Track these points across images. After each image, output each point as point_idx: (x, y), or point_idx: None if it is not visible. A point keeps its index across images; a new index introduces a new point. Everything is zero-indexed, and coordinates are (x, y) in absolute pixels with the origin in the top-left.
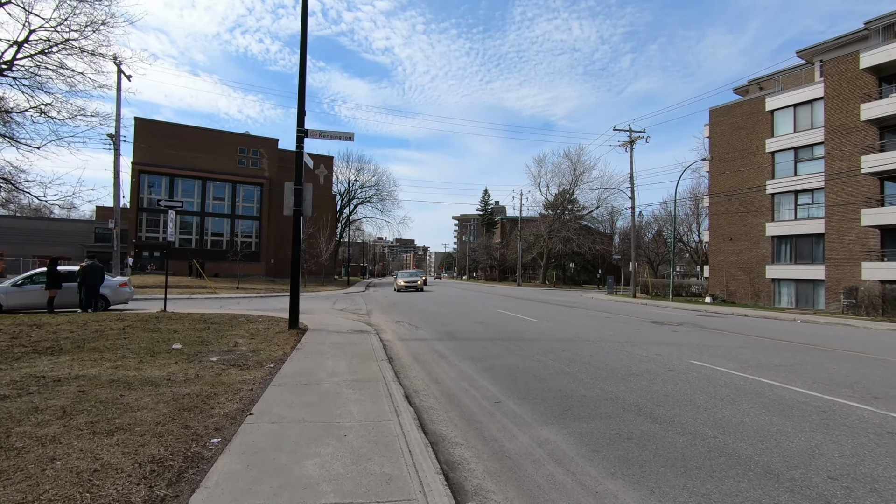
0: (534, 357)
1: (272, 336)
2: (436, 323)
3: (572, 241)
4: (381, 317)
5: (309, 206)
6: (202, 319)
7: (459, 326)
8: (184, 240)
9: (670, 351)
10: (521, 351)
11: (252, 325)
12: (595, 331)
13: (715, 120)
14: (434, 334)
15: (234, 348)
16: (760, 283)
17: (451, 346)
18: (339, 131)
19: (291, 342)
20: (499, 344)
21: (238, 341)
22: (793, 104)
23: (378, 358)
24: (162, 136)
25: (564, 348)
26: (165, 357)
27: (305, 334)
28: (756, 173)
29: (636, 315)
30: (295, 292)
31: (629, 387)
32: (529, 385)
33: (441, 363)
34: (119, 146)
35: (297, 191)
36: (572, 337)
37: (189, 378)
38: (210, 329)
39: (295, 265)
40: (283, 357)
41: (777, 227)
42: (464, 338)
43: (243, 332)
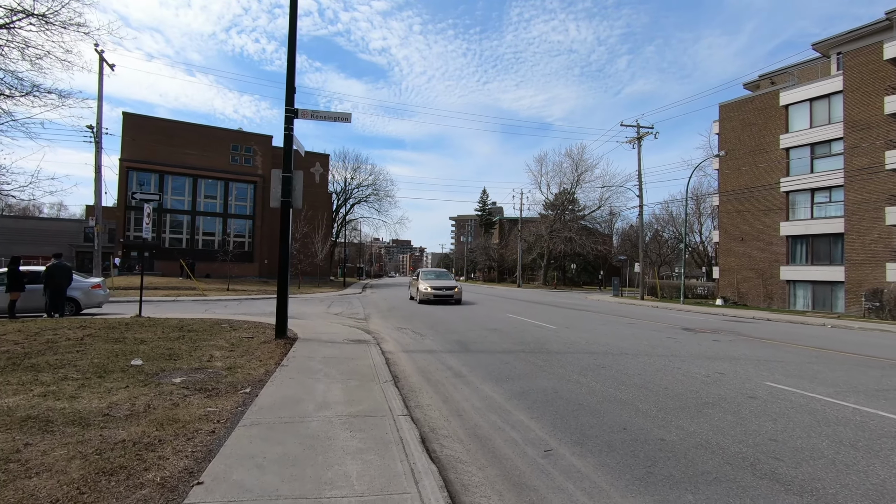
0: (570, 377)
1: (255, 347)
2: (442, 330)
3: (574, 242)
4: (381, 323)
5: (299, 198)
6: (179, 326)
7: (470, 335)
8: (174, 239)
9: (732, 368)
10: (552, 368)
11: (234, 332)
12: (626, 340)
13: (725, 116)
14: (443, 344)
15: (207, 364)
16: (774, 285)
17: (466, 360)
18: (335, 111)
19: (277, 356)
20: (522, 358)
21: (214, 354)
22: (809, 98)
23: (381, 378)
24: (151, 132)
25: (602, 364)
26: (117, 378)
27: (294, 345)
28: (769, 171)
29: (659, 320)
30: (283, 296)
31: (714, 424)
32: (581, 421)
33: (459, 385)
34: (101, 138)
35: (286, 179)
36: (605, 349)
37: (135, 412)
38: (185, 338)
39: (283, 265)
40: (264, 377)
41: (792, 226)
42: (478, 349)
43: (222, 341)
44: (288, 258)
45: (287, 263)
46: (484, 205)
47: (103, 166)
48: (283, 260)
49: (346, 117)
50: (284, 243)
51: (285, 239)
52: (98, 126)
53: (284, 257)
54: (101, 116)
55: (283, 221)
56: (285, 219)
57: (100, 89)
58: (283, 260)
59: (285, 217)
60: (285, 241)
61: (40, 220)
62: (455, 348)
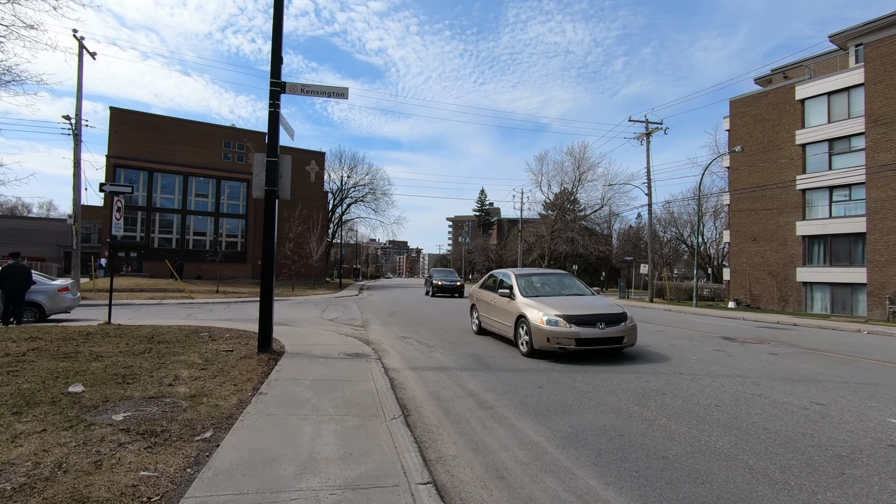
0: (629, 408)
1: (232, 365)
2: (453, 340)
3: (577, 242)
4: (381, 331)
5: (287, 186)
6: (149, 336)
7: (485, 346)
8: (164, 239)
9: (827, 396)
10: (599, 393)
11: (212, 344)
12: (669, 352)
13: (736, 111)
14: (456, 359)
15: (168, 390)
16: (789, 287)
17: (489, 381)
18: (330, 86)
19: (256, 377)
20: (555, 378)
21: (180, 374)
22: (826, 92)
23: (386, 412)
24: (140, 128)
25: (660, 388)
26: (40, 413)
27: (280, 362)
28: (783, 168)
29: (688, 326)
30: (267, 302)
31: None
32: (681, 491)
33: (488, 422)
34: (80, 129)
35: (271, 164)
36: (652, 365)
37: (29, 482)
38: (151, 352)
39: (267, 265)
40: (235, 411)
41: (809, 225)
42: (499, 366)
43: (195, 356)
44: (273, 257)
45: (272, 263)
46: (482, 205)
47: (83, 161)
48: (268, 259)
49: (342, 92)
50: (269, 239)
51: (270, 235)
52: (77, 117)
53: (269, 256)
54: (81, 107)
55: (268, 214)
56: (270, 211)
57: (79, 78)
58: (268, 259)
59: (270, 209)
60: (270, 236)
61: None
62: (472, 364)
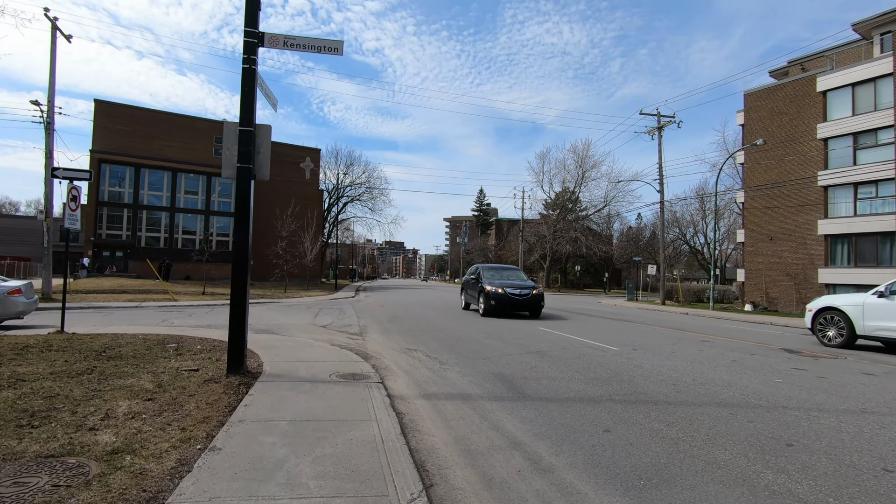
0: (759, 472)
1: (190, 394)
2: (467, 353)
3: (580, 243)
4: (381, 340)
5: (266, 164)
6: (101, 350)
7: (510, 362)
8: (151, 238)
9: None
10: (699, 443)
11: (176, 360)
12: (738, 373)
13: (751, 105)
14: (477, 380)
15: (84, 439)
16: (808, 290)
17: (531, 417)
18: (320, 38)
19: (216, 415)
20: (622, 415)
21: (116, 408)
22: (851, 83)
23: (399, 488)
24: (126, 122)
25: (776, 433)
26: None
27: (252, 389)
28: (802, 163)
29: (728, 335)
30: (239, 310)
31: None
32: None
33: (555, 500)
34: (53, 117)
35: (245, 135)
36: (734, 393)
37: None
38: (92, 373)
39: (239, 262)
40: (165, 486)
41: (831, 224)
42: (538, 393)
43: (147, 379)
44: (248, 252)
45: (246, 260)
46: (481, 205)
47: (53, 152)
48: (240, 255)
49: (336, 46)
50: (242, 230)
51: (243, 224)
52: (49, 104)
53: (242, 251)
54: (53, 93)
55: (240, 198)
56: (243, 194)
57: (52, 60)
58: (240, 255)
59: (243, 192)
60: (243, 226)
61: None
62: (500, 389)
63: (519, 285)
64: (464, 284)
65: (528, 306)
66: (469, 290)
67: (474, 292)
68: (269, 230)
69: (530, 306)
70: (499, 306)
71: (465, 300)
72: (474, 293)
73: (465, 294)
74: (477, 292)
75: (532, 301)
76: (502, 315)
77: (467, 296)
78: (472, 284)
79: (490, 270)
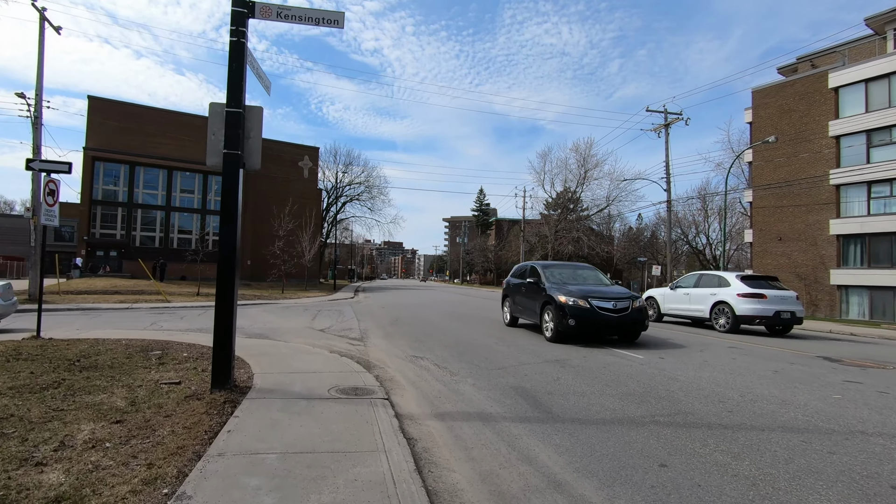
0: None
1: (166, 414)
2: (479, 362)
3: (582, 243)
4: (384, 346)
5: (256, 152)
6: (76, 359)
7: (528, 372)
8: (146, 237)
9: None
10: (777, 482)
11: (157, 371)
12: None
13: (759, 102)
14: (496, 395)
15: (23, 479)
16: (819, 291)
17: (568, 445)
18: (320, 9)
19: (192, 445)
20: (673, 444)
21: (76, 434)
22: (864, 79)
23: None
24: (120, 119)
25: (865, 470)
26: None
27: (238, 410)
28: (813, 162)
29: (748, 339)
30: (225, 316)
31: None
32: None
33: None
34: (41, 112)
35: (232, 118)
36: (795, 415)
37: None
38: (59, 387)
39: (226, 262)
40: None
41: (844, 224)
42: (568, 414)
43: (120, 395)
44: (235, 251)
45: (234, 258)
46: (481, 204)
47: (41, 148)
48: (227, 253)
49: (336, 19)
50: (229, 225)
51: (231, 219)
52: (37, 98)
53: (229, 249)
54: (42, 86)
55: (227, 189)
56: (231, 185)
57: (40, 52)
58: (227, 253)
59: (231, 182)
60: (231, 221)
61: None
62: (524, 408)
63: (609, 294)
64: (508, 290)
65: (625, 327)
66: (519, 299)
67: (531, 302)
68: (266, 229)
69: (629, 327)
70: (582, 327)
71: (510, 312)
72: (531, 303)
73: (512, 304)
74: (538, 303)
75: (632, 320)
76: (585, 340)
77: (514, 306)
78: (528, 291)
79: (556, 270)
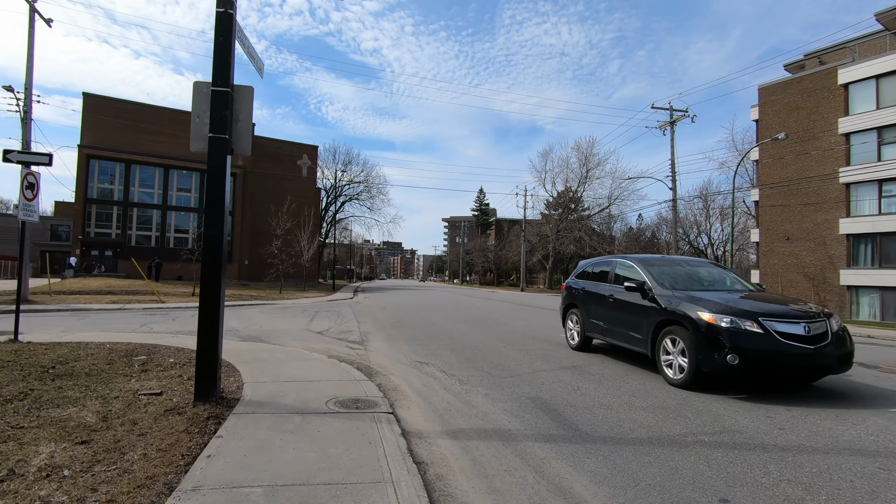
0: None
1: (140, 432)
2: (488, 367)
3: (584, 242)
4: (386, 349)
5: (246, 135)
6: (51, 364)
7: (543, 380)
8: (142, 237)
9: None
10: None
11: (138, 379)
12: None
13: (766, 100)
14: (512, 408)
15: None
16: (828, 292)
17: (602, 473)
18: None
19: (164, 476)
20: (732, 472)
21: (31, 458)
22: (874, 75)
23: None
24: (116, 116)
25: None
26: None
27: (223, 427)
28: (822, 160)
29: None
30: (210, 321)
31: None
32: None
33: None
34: (30, 107)
35: (219, 98)
36: (854, 434)
37: None
38: (25, 399)
39: (211, 259)
40: None
41: (854, 223)
42: (598, 432)
43: (91, 408)
44: (222, 246)
45: (220, 256)
46: (480, 204)
47: (31, 144)
48: (213, 249)
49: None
50: (214, 218)
51: (217, 210)
52: (26, 93)
53: (215, 244)
54: (31, 80)
55: (213, 177)
56: (217, 173)
57: (30, 45)
58: (213, 249)
59: (217, 169)
60: (216, 214)
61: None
62: (546, 423)
63: (790, 312)
64: (574, 297)
65: (825, 365)
66: (600, 311)
67: (629, 319)
68: (263, 228)
69: (830, 365)
70: (753, 365)
71: (580, 330)
72: (629, 320)
73: (583, 318)
74: (646, 322)
75: (836, 354)
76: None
77: (589, 321)
78: (619, 301)
79: (665, 268)
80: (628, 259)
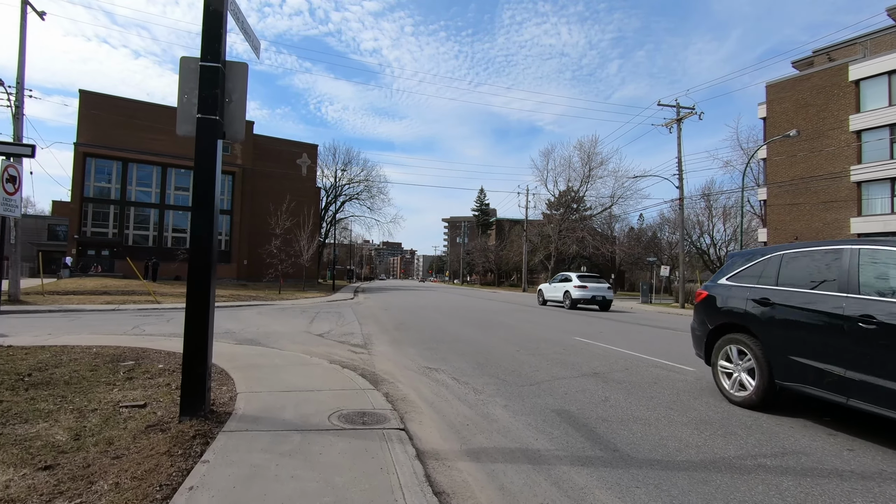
0: None
1: (115, 455)
2: (503, 374)
3: (587, 242)
4: (392, 354)
5: (238, 118)
6: (29, 371)
7: (565, 389)
8: (139, 236)
9: None
10: None
11: (122, 388)
12: None
13: (774, 97)
14: (537, 424)
15: None
16: None
17: None
18: None
19: None
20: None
21: None
22: (887, 71)
23: None
24: (113, 114)
25: None
26: None
27: (210, 449)
28: (832, 158)
29: None
30: (198, 325)
31: None
32: None
33: None
34: (22, 103)
35: (208, 74)
36: None
37: None
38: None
39: (201, 253)
40: None
41: (866, 222)
42: (639, 452)
43: (60, 428)
44: (212, 243)
45: (209, 253)
46: (481, 204)
47: (22, 140)
48: (201, 245)
49: None
50: (203, 211)
51: (205, 203)
52: (18, 88)
53: (204, 238)
54: (24, 75)
55: (201, 164)
56: (206, 159)
57: (21, 38)
58: (201, 245)
59: (206, 155)
60: (205, 206)
61: None
62: (577, 441)
63: None
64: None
65: None
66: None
67: None
68: (262, 227)
69: None
70: None
71: (760, 375)
72: None
73: (767, 351)
74: None
75: None
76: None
77: (786, 359)
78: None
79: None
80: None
